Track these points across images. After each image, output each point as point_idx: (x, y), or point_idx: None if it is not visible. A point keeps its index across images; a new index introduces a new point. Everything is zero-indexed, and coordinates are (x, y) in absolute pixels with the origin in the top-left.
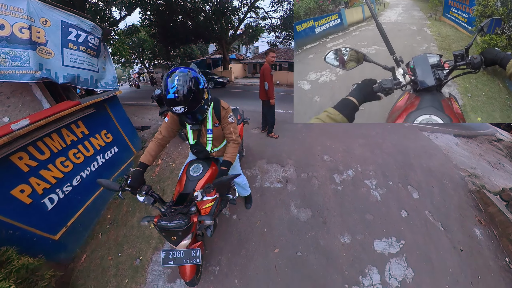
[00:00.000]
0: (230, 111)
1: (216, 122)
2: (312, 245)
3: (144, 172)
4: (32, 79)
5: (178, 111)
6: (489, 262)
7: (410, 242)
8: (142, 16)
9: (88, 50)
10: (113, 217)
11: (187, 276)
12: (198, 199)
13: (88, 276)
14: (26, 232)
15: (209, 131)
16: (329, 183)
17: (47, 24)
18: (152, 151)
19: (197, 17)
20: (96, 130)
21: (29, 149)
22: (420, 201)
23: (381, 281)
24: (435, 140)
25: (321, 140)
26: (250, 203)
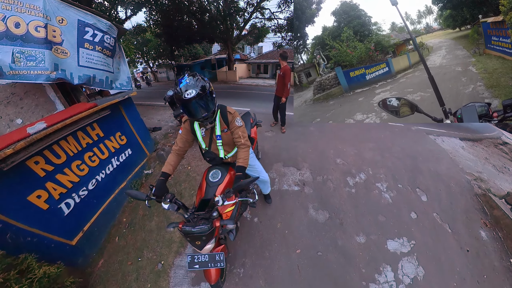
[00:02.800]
0: (237, 115)
1: (224, 127)
2: (331, 245)
3: (166, 181)
4: (48, 80)
5: (190, 95)
6: (494, 262)
7: (420, 242)
8: (148, 16)
9: (104, 50)
10: (129, 220)
11: (213, 279)
12: (219, 204)
13: (107, 281)
14: (43, 239)
15: (218, 137)
16: (343, 186)
17: (64, 23)
18: (172, 161)
19: (203, 17)
20: (111, 133)
21: (45, 153)
22: (429, 203)
23: (394, 279)
24: (442, 144)
25: (333, 143)
26: (270, 198)
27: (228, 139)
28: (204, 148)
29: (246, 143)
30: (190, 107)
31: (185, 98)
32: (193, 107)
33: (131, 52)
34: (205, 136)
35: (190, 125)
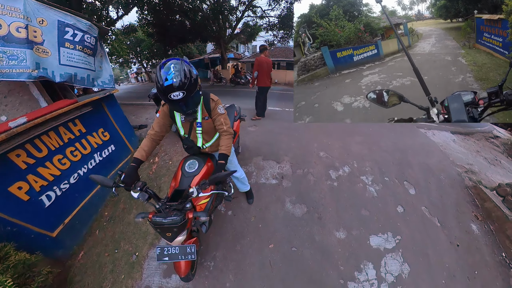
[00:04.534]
0: (220, 103)
1: (205, 115)
2: (307, 240)
3: (138, 167)
4: (29, 78)
5: (177, 97)
6: (486, 257)
7: (406, 237)
8: (140, 16)
9: (85, 49)
10: (110, 214)
11: (182, 271)
12: (193, 195)
13: (85, 272)
14: (23, 229)
15: (198, 124)
16: (325, 179)
17: (44, 23)
18: (145, 146)
19: (195, 16)
20: (93, 129)
21: (27, 146)
22: (417, 196)
23: (376, 277)
24: (432, 137)
25: (318, 137)
26: (252, 197)
27: (208, 127)
28: (183, 135)
29: (229, 130)
30: (176, 106)
31: (172, 99)
32: (179, 106)
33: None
34: (184, 122)
35: (170, 109)
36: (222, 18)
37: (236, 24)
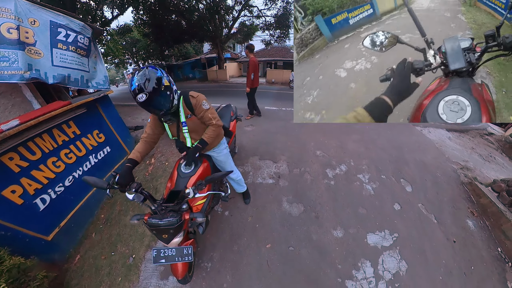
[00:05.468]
0: (203, 98)
1: (188, 113)
2: (304, 239)
3: (133, 168)
4: (22, 80)
5: (141, 99)
6: (482, 252)
7: (404, 235)
8: (135, 16)
9: (78, 50)
10: (107, 216)
11: (179, 273)
12: (190, 196)
13: (81, 276)
14: (18, 233)
15: (183, 124)
16: (322, 178)
17: (36, 24)
18: (139, 148)
19: (191, 16)
20: (88, 130)
21: (20, 149)
22: (413, 194)
23: (374, 274)
24: (428, 135)
25: (315, 136)
26: (249, 198)
27: (194, 125)
28: (171, 136)
29: (218, 123)
30: (145, 108)
31: (138, 101)
32: (148, 108)
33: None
34: (171, 125)
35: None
36: (218, 18)
37: (232, 23)
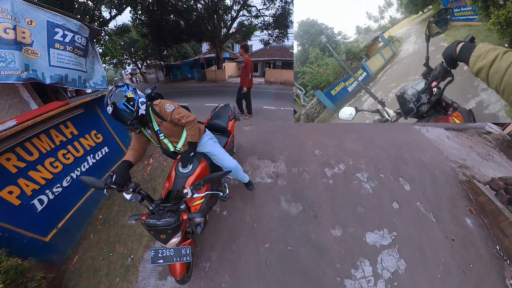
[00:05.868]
0: (165, 102)
1: (159, 121)
2: (303, 239)
3: (129, 168)
4: (18, 80)
5: (109, 111)
6: (481, 250)
7: (402, 233)
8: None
9: (76, 50)
10: (105, 217)
11: (178, 274)
12: (188, 196)
13: (80, 276)
14: (15, 234)
15: (158, 132)
16: (320, 177)
17: (33, 24)
18: (131, 155)
19: (189, 16)
20: (85, 131)
21: (17, 150)
22: (412, 192)
23: (373, 273)
24: (427, 134)
25: (313, 136)
26: (252, 184)
27: (168, 130)
28: (157, 146)
29: (188, 119)
30: (114, 118)
31: (108, 114)
32: (116, 119)
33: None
34: (151, 134)
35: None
36: (217, 18)
37: (231, 23)
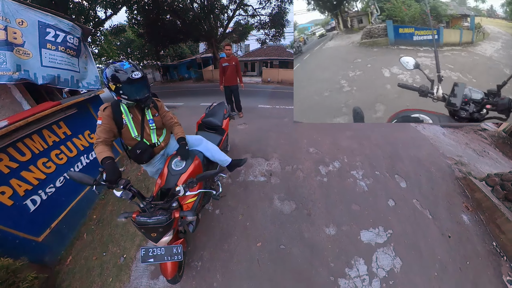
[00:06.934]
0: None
1: (155, 112)
2: (296, 237)
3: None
4: (10, 80)
5: (137, 75)
6: (477, 247)
7: (398, 231)
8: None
9: (68, 50)
10: (99, 217)
11: (169, 273)
12: (180, 194)
13: (73, 277)
14: (7, 234)
15: (150, 121)
16: (314, 175)
17: (24, 24)
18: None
19: (186, 16)
20: (79, 131)
21: (9, 150)
22: (408, 190)
23: (368, 272)
24: (423, 131)
25: (308, 133)
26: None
27: (159, 124)
28: (134, 137)
29: (178, 121)
30: (136, 87)
31: (133, 78)
32: (139, 86)
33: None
34: (135, 121)
35: (113, 112)
36: (213, 17)
37: (227, 23)
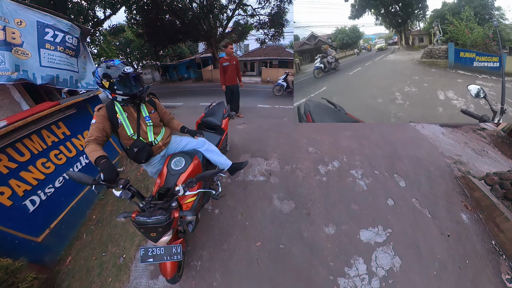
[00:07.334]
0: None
1: (151, 109)
2: (295, 237)
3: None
4: (9, 81)
5: (129, 70)
6: (476, 246)
7: (397, 230)
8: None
9: (67, 50)
10: (98, 217)
11: (168, 273)
12: (179, 193)
13: (73, 277)
14: (6, 235)
15: (147, 118)
16: (314, 174)
17: (22, 24)
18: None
19: (185, 16)
20: (78, 131)
21: (8, 150)
22: (407, 189)
23: (367, 271)
24: (422, 130)
25: (307, 133)
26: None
27: (156, 120)
28: (130, 136)
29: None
30: (129, 81)
31: (126, 72)
32: (132, 81)
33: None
34: (131, 119)
35: (108, 112)
36: (212, 17)
37: (227, 22)
